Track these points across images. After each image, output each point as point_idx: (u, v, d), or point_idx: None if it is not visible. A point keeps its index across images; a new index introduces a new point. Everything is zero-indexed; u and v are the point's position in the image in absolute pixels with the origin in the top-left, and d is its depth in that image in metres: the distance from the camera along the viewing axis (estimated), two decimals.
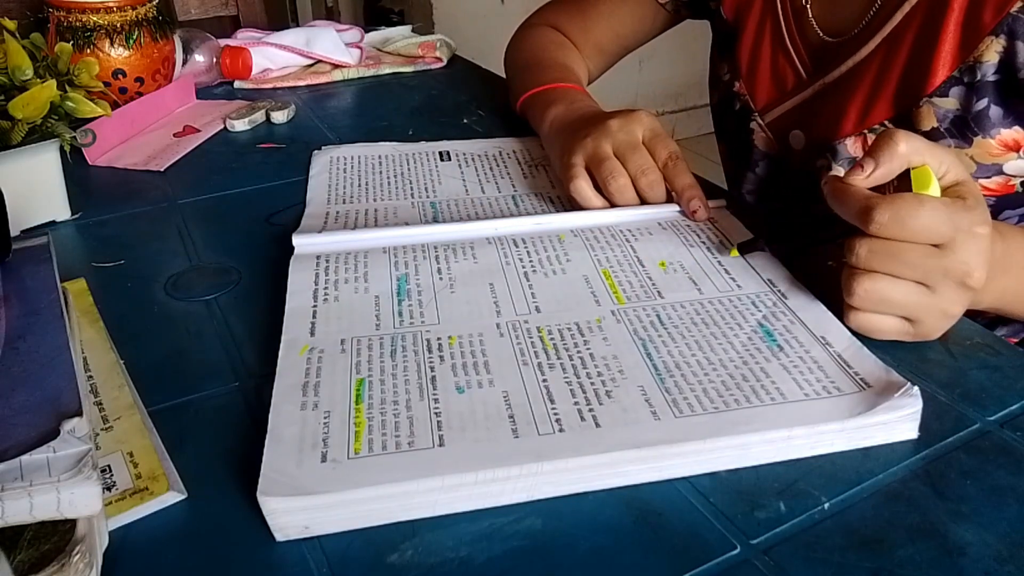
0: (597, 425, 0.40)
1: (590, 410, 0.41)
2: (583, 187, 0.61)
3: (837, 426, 0.40)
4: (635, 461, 0.38)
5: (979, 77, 0.59)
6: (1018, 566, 0.34)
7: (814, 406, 0.41)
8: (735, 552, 0.35)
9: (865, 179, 0.46)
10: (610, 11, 0.86)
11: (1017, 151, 0.61)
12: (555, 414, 0.41)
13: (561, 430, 0.40)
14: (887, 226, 0.42)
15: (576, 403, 0.41)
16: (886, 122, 0.65)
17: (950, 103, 0.61)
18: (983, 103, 0.59)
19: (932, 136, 0.62)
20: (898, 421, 0.40)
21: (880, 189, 0.46)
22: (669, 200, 0.62)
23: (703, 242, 0.58)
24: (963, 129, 0.61)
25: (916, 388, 0.41)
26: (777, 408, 0.41)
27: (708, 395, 0.42)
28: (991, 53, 0.58)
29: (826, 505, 0.37)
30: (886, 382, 0.42)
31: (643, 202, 0.61)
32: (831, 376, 0.43)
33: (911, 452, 0.40)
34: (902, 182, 0.46)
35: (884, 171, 0.45)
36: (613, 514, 0.37)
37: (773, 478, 0.39)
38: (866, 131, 0.66)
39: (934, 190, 0.44)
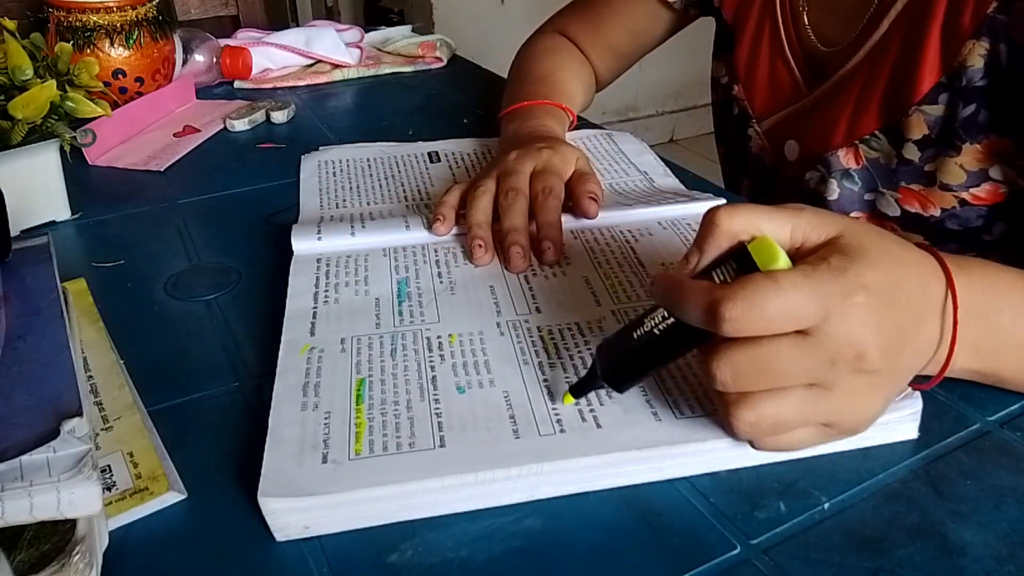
0: (598, 426, 0.40)
1: (591, 411, 0.41)
2: (446, 198, 0.60)
3: None
4: (635, 462, 0.38)
5: (965, 82, 0.58)
6: (1018, 566, 0.34)
7: None
8: (735, 552, 0.35)
9: (692, 271, 0.37)
10: (621, 10, 0.86)
11: (1004, 157, 0.59)
12: (556, 414, 0.41)
13: (562, 431, 0.40)
14: (743, 319, 0.33)
15: (577, 404, 0.41)
16: (877, 132, 0.64)
17: (939, 110, 0.60)
18: (971, 108, 0.59)
19: (924, 144, 0.62)
20: (898, 421, 0.40)
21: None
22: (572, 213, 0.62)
23: None
24: (951, 136, 0.60)
25: (916, 392, 0.41)
26: None
27: (709, 397, 0.42)
28: (975, 57, 0.57)
29: (826, 505, 0.37)
30: None
31: (534, 219, 0.57)
32: None
33: (911, 452, 0.40)
34: (742, 266, 0.35)
35: (710, 258, 0.37)
36: (613, 514, 0.37)
37: (773, 478, 0.39)
38: (857, 142, 0.66)
39: (782, 262, 0.34)
